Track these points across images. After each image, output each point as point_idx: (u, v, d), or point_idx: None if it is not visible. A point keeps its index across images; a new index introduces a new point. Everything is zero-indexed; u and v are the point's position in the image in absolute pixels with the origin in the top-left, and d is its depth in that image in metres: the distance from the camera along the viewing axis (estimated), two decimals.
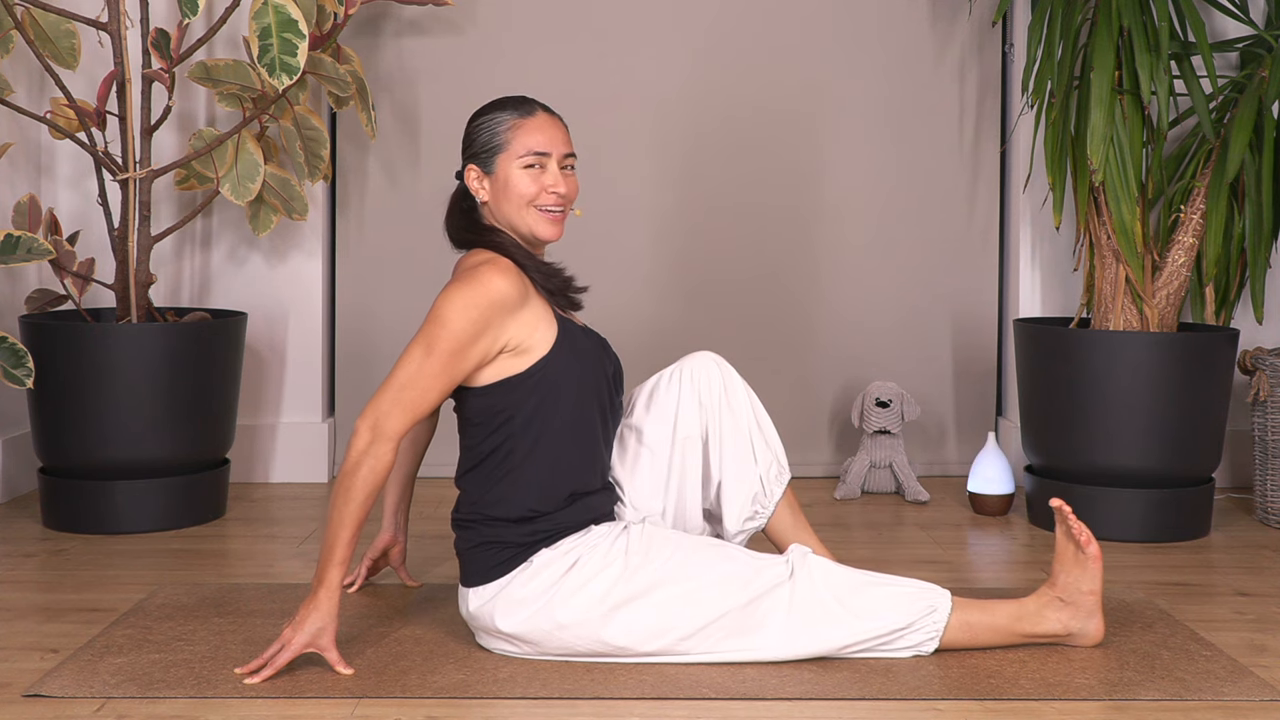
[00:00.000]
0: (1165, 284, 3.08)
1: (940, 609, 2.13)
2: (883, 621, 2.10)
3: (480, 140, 2.22)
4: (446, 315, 2.08)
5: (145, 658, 2.11)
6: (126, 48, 3.02)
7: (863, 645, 2.11)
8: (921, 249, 3.71)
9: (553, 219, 2.20)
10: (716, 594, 2.09)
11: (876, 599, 2.12)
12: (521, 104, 2.23)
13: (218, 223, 3.53)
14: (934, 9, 3.68)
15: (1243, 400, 3.41)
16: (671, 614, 2.08)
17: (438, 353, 2.07)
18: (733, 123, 3.68)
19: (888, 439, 3.45)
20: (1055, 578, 2.19)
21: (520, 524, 2.13)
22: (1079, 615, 2.17)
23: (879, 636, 2.11)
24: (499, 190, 2.20)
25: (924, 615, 2.12)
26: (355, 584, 2.50)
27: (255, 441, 3.53)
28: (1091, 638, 2.19)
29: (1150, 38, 2.98)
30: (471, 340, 2.08)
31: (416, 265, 3.60)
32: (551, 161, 2.20)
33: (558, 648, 2.10)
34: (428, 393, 2.08)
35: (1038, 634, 2.17)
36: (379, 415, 2.06)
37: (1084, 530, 2.15)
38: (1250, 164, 3.04)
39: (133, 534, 2.94)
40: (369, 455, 2.04)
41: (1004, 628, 2.16)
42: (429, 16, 3.62)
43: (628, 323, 3.62)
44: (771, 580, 2.10)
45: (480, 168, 2.22)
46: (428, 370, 2.07)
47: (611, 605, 2.08)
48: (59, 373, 2.91)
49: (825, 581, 2.11)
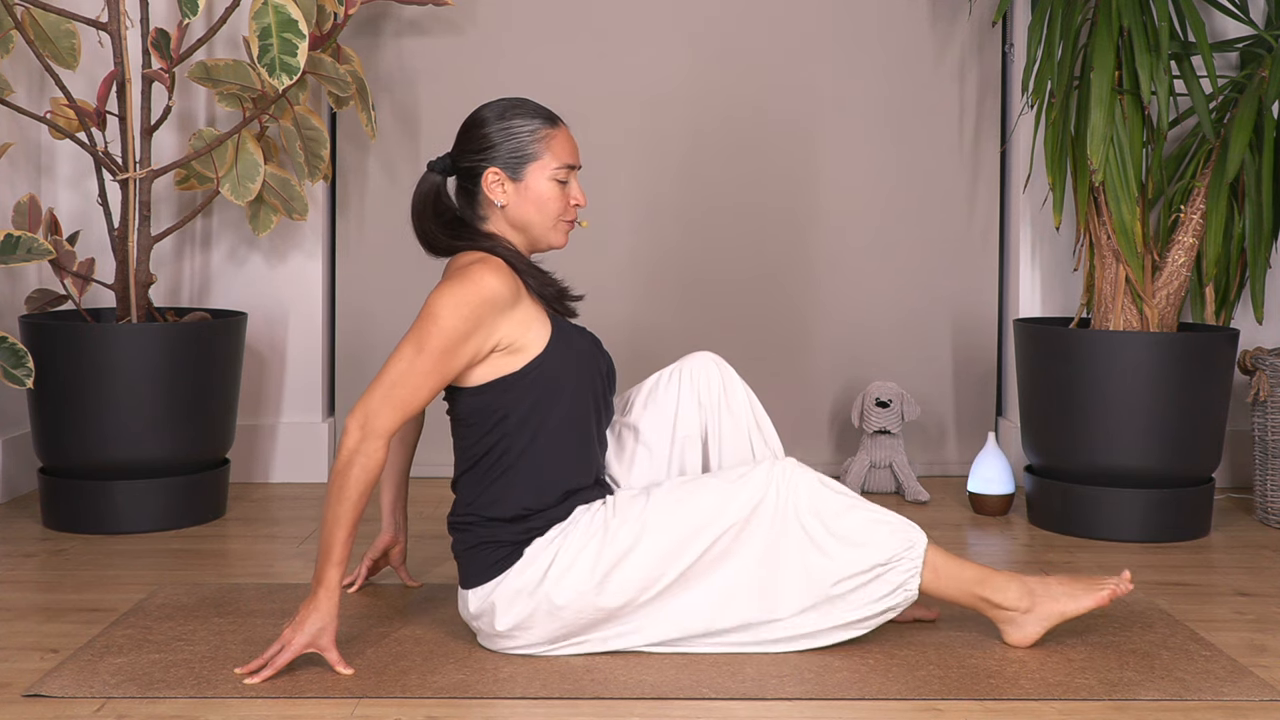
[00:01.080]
0: (1165, 284, 3.08)
1: (918, 545, 2.13)
2: (867, 553, 2.10)
3: (508, 146, 2.19)
4: (438, 313, 2.08)
5: (145, 658, 2.11)
6: (126, 48, 3.02)
7: (851, 581, 2.11)
8: (921, 249, 3.71)
9: (569, 229, 2.25)
10: (700, 527, 2.09)
11: (860, 524, 2.11)
12: (542, 112, 2.23)
13: (218, 223, 3.53)
14: (934, 9, 3.68)
15: (1243, 400, 3.41)
16: (661, 560, 2.09)
17: (429, 350, 2.07)
18: (732, 123, 3.68)
19: (888, 439, 3.45)
20: (1052, 577, 2.21)
21: (514, 523, 2.14)
22: (1034, 615, 2.18)
23: (866, 571, 2.10)
24: (525, 198, 2.20)
25: (904, 550, 2.12)
26: (355, 584, 2.51)
27: (255, 441, 3.53)
28: (1019, 639, 2.19)
29: (1150, 38, 2.98)
30: (463, 338, 2.08)
31: (416, 265, 3.58)
32: (575, 175, 2.23)
33: (561, 631, 2.11)
34: (418, 391, 2.08)
35: (991, 602, 2.17)
36: (369, 413, 2.05)
37: (1113, 591, 2.18)
38: (1250, 164, 3.04)
39: (133, 534, 2.94)
40: (360, 453, 2.04)
41: (966, 585, 2.16)
42: (429, 16, 3.62)
43: (626, 322, 3.63)
44: (750, 502, 2.10)
45: (506, 173, 2.19)
46: (419, 368, 2.07)
47: (602, 573, 2.09)
48: (59, 373, 2.91)
49: (810, 504, 2.11)
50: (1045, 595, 2.18)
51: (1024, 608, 2.18)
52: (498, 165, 2.19)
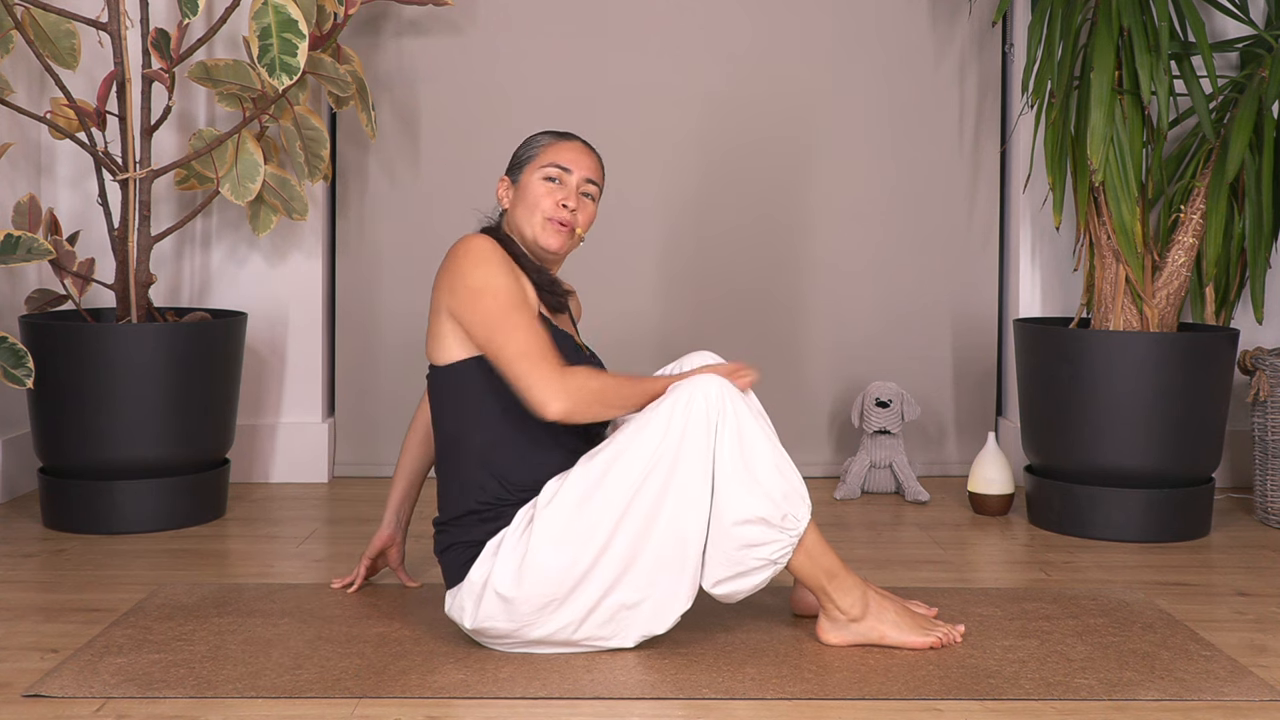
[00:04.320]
0: (1165, 284, 3.08)
1: (802, 519, 2.11)
2: (758, 503, 2.08)
3: (516, 155, 2.34)
4: (477, 285, 2.14)
5: (145, 658, 2.11)
6: (126, 48, 3.02)
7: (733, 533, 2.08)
8: (922, 249, 3.71)
9: (557, 230, 2.27)
10: (622, 481, 2.08)
11: (767, 470, 2.09)
12: (562, 133, 2.34)
13: (218, 223, 3.53)
14: (934, 9, 3.68)
15: (1243, 400, 3.41)
16: (577, 519, 2.07)
17: (509, 308, 2.12)
18: (732, 122, 3.68)
19: (888, 439, 3.45)
20: (893, 601, 2.22)
21: (479, 520, 2.16)
22: (857, 626, 2.18)
23: (751, 520, 2.08)
24: (518, 197, 2.30)
25: (788, 515, 2.10)
26: (355, 584, 2.51)
27: (255, 441, 3.53)
28: (830, 639, 2.19)
29: (1150, 38, 2.98)
30: (513, 280, 2.15)
31: (416, 265, 3.60)
32: (572, 179, 2.28)
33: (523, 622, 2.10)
34: (537, 337, 2.11)
35: (831, 597, 2.17)
36: (537, 384, 2.09)
37: (941, 638, 2.19)
38: (1250, 164, 3.05)
39: (133, 534, 2.94)
40: (570, 395, 2.09)
41: (818, 571, 2.16)
42: (429, 16, 3.62)
43: (626, 321, 3.62)
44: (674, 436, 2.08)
45: (510, 178, 2.33)
46: (522, 323, 2.11)
47: (527, 553, 2.07)
48: (59, 373, 2.91)
49: (741, 443, 2.09)
50: (877, 614, 2.19)
51: (854, 616, 2.19)
52: (507, 173, 2.33)
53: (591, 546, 2.07)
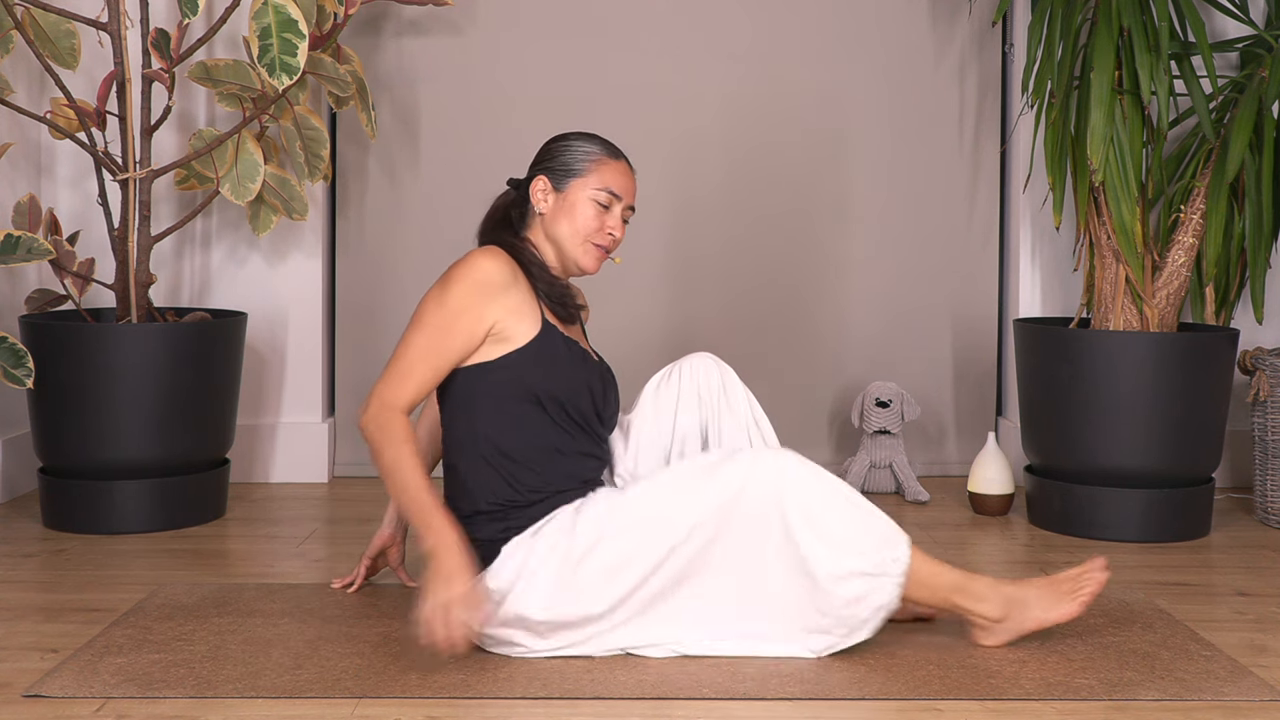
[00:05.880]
0: (1165, 284, 3.08)
1: (902, 558, 2.09)
2: (850, 559, 2.05)
3: (562, 159, 2.28)
4: (433, 294, 2.17)
5: (145, 658, 2.11)
6: (126, 48, 3.02)
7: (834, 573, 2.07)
8: (922, 249, 3.71)
9: (599, 256, 2.28)
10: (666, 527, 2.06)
11: (847, 526, 2.07)
12: (611, 146, 2.32)
13: (218, 223, 3.53)
14: (934, 9, 3.68)
15: (1243, 400, 3.41)
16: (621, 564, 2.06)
17: (425, 326, 2.14)
18: (732, 123, 3.68)
19: (888, 439, 3.45)
20: (1030, 584, 2.20)
21: (491, 519, 2.15)
22: (1008, 624, 2.17)
23: (850, 575, 2.06)
24: (562, 209, 2.26)
25: (889, 563, 2.08)
26: (355, 584, 2.51)
27: (255, 441, 3.53)
28: (990, 643, 2.18)
29: (1150, 38, 2.98)
30: (455, 315, 2.14)
31: (416, 265, 3.60)
32: (618, 207, 2.28)
33: (538, 633, 2.10)
34: (414, 365, 2.13)
35: (966, 609, 2.17)
36: (377, 388, 2.14)
37: (1092, 593, 2.17)
38: (1250, 164, 3.04)
39: (133, 534, 2.94)
40: (372, 422, 2.10)
41: (941, 592, 2.15)
42: (429, 16, 3.62)
43: (626, 321, 3.62)
44: (720, 499, 2.06)
45: (551, 182, 2.28)
46: (417, 343, 2.14)
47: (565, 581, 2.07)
48: (59, 373, 2.91)
49: (797, 501, 2.06)
50: (1019, 607, 2.17)
51: (997, 617, 2.17)
52: (547, 174, 2.28)
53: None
